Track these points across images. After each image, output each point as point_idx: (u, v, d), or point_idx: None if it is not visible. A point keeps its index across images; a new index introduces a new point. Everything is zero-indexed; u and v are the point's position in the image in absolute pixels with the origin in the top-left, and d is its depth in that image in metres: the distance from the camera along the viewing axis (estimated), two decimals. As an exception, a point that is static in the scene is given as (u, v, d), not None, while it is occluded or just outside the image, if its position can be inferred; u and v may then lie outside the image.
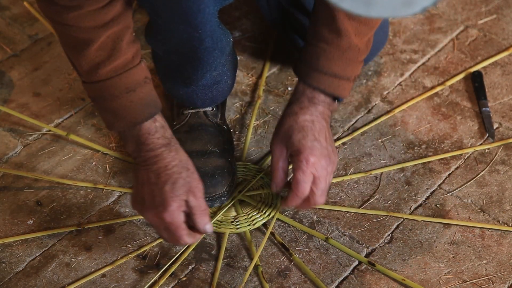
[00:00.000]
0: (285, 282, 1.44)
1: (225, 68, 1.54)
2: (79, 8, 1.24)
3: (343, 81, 1.41)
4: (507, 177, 1.59)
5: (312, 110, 1.40)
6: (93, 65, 1.30)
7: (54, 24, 1.30)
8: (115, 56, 1.29)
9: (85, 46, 1.28)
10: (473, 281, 1.43)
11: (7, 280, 1.45)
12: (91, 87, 1.33)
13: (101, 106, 1.35)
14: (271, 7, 1.71)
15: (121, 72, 1.31)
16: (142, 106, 1.33)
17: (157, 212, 1.32)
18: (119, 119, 1.33)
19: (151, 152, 1.34)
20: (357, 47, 1.40)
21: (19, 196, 1.58)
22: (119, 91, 1.31)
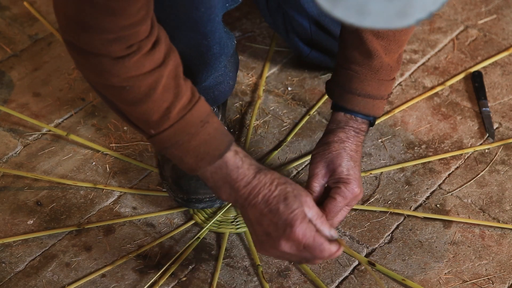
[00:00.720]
0: (285, 282, 1.44)
1: (227, 69, 1.54)
2: (137, 53, 1.15)
3: (377, 100, 1.41)
4: (507, 177, 1.59)
5: (357, 140, 1.40)
6: (162, 110, 1.20)
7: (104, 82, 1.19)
8: (180, 94, 1.21)
9: (151, 92, 1.19)
10: (473, 281, 1.43)
11: (7, 280, 1.45)
12: (163, 136, 1.23)
13: (179, 152, 1.24)
14: (271, 9, 1.71)
15: (190, 108, 1.22)
16: (220, 136, 1.24)
17: (288, 236, 1.23)
18: (202, 157, 1.24)
19: (249, 186, 1.25)
20: (389, 66, 1.40)
21: (19, 196, 1.58)
22: (195, 128, 1.22)
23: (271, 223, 1.24)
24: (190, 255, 1.49)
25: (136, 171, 1.62)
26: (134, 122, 1.24)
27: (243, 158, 1.26)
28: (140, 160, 1.64)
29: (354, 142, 1.40)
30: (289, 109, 1.73)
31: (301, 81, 1.79)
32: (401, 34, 1.38)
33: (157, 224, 1.53)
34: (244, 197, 1.25)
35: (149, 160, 1.64)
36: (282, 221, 1.23)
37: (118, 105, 1.23)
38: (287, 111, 1.73)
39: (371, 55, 1.38)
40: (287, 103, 1.75)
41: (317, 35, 1.69)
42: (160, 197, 1.58)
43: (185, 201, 1.51)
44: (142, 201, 1.57)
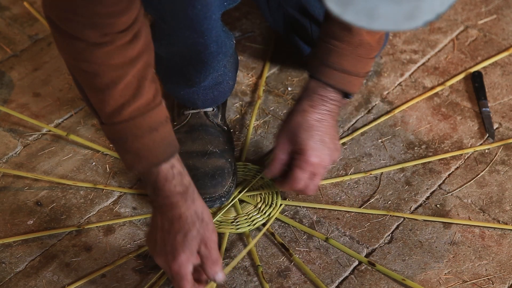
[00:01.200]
0: (285, 282, 1.44)
1: (227, 69, 1.54)
2: (110, 44, 1.17)
3: (353, 77, 1.42)
4: (507, 177, 1.59)
5: (321, 108, 1.42)
6: (117, 105, 1.23)
7: (76, 64, 1.23)
8: (139, 95, 1.23)
9: (112, 85, 1.21)
10: (473, 281, 1.43)
11: (7, 280, 1.45)
12: (111, 128, 1.26)
13: (121, 147, 1.29)
14: (272, 9, 1.71)
15: (144, 112, 1.24)
16: (164, 146, 1.27)
17: (166, 260, 1.30)
18: (140, 160, 1.27)
19: (166, 200, 1.30)
20: (369, 44, 1.41)
21: (19, 196, 1.58)
22: (142, 131, 1.25)
23: (163, 240, 1.31)
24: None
25: (136, 171, 1.62)
26: (92, 104, 1.26)
27: (176, 175, 1.29)
28: (140, 160, 1.64)
29: (317, 111, 1.42)
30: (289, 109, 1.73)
31: (301, 81, 1.79)
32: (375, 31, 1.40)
33: (157, 224, 1.53)
34: (159, 204, 1.31)
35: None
36: (171, 248, 1.30)
37: (81, 84, 1.26)
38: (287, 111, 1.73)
39: (352, 32, 1.39)
40: (287, 103, 1.75)
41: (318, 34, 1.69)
42: (160, 197, 1.58)
43: None
44: (142, 201, 1.57)
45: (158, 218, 1.32)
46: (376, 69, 1.80)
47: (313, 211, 1.55)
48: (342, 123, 1.70)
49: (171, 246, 1.30)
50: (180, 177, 1.30)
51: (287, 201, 1.56)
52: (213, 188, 1.50)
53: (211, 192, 1.50)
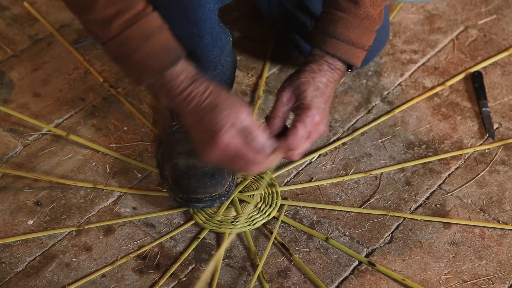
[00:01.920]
0: (285, 282, 1.44)
1: (224, 68, 1.54)
2: None
3: (358, 49, 1.43)
4: (507, 177, 1.59)
5: (328, 74, 1.41)
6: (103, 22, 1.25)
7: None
8: (126, 8, 1.25)
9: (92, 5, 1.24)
10: (473, 281, 1.43)
11: (7, 280, 1.45)
12: (109, 47, 1.28)
13: (124, 65, 1.29)
14: (272, 7, 1.71)
15: (134, 22, 1.25)
16: (165, 51, 1.27)
17: (212, 145, 1.27)
18: (145, 71, 1.28)
19: (182, 95, 1.29)
20: (373, 17, 1.42)
21: (19, 196, 1.58)
22: (137, 42, 1.26)
23: (200, 132, 1.29)
24: (190, 255, 1.49)
25: (136, 171, 1.62)
26: (86, 28, 1.29)
27: (181, 71, 1.29)
28: (140, 160, 1.64)
29: (325, 76, 1.41)
30: (289, 109, 1.73)
31: (301, 81, 1.79)
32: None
33: (157, 224, 1.53)
34: (178, 105, 1.30)
35: (149, 160, 1.63)
36: (208, 130, 1.27)
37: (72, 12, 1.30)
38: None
39: (358, 3, 1.40)
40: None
41: None
42: (160, 197, 1.58)
43: (185, 201, 1.51)
44: (142, 201, 1.57)
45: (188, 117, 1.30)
46: (376, 69, 1.80)
47: (313, 211, 1.55)
48: (342, 123, 1.70)
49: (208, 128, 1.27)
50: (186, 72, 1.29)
51: (288, 201, 1.56)
52: (213, 187, 1.50)
53: (211, 192, 1.50)
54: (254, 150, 1.28)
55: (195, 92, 1.29)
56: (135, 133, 1.68)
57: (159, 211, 1.55)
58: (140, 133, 1.69)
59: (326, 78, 1.40)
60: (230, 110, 1.27)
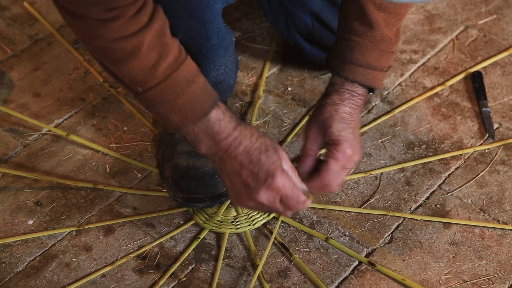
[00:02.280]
0: (285, 282, 1.44)
1: (227, 68, 1.54)
2: (119, 18, 1.18)
3: (378, 72, 1.42)
4: (507, 177, 1.59)
5: (351, 102, 1.41)
6: (148, 69, 1.24)
7: (91, 42, 1.23)
8: (166, 52, 1.24)
9: (135, 52, 1.22)
10: (473, 281, 1.43)
11: (7, 280, 1.45)
12: (149, 95, 1.26)
13: (164, 111, 1.27)
14: (272, 7, 1.71)
15: (176, 67, 1.25)
16: (206, 95, 1.27)
17: (268, 186, 1.28)
18: (187, 116, 1.27)
19: (230, 137, 1.28)
20: (389, 38, 1.41)
21: (19, 196, 1.58)
22: (181, 87, 1.25)
23: (251, 174, 1.28)
24: (190, 255, 1.49)
25: (136, 171, 1.62)
26: (121, 79, 1.26)
27: (225, 112, 1.29)
28: (140, 160, 1.64)
29: (348, 105, 1.40)
30: (289, 109, 1.73)
31: (301, 81, 1.79)
32: (401, 8, 1.40)
33: (157, 224, 1.53)
34: (224, 149, 1.29)
35: (149, 160, 1.64)
36: (263, 171, 1.27)
37: (105, 63, 1.26)
38: (287, 111, 1.73)
39: (373, 26, 1.39)
40: (287, 103, 1.75)
41: (319, 32, 1.69)
42: (160, 197, 1.58)
43: (185, 201, 1.51)
44: (142, 201, 1.57)
45: (231, 162, 1.29)
46: (376, 69, 1.80)
47: (313, 211, 1.55)
48: (342, 123, 1.70)
49: (263, 170, 1.27)
50: (229, 113, 1.29)
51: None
52: (213, 187, 1.50)
53: (211, 192, 1.50)
54: (300, 193, 1.30)
55: (243, 134, 1.29)
56: (135, 133, 1.68)
57: (159, 211, 1.55)
58: (140, 133, 1.69)
59: (350, 106, 1.40)
60: (279, 153, 1.29)
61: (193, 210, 1.54)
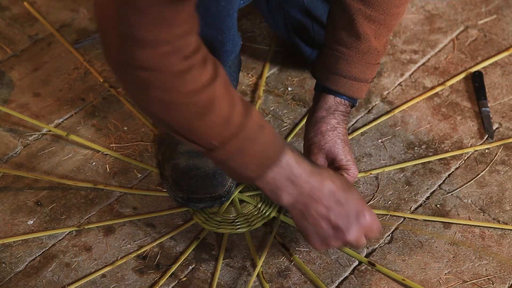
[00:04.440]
0: (285, 282, 1.44)
1: (232, 69, 1.55)
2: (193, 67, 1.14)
3: (362, 83, 1.44)
4: (507, 177, 1.59)
5: (345, 122, 1.45)
6: (224, 120, 1.18)
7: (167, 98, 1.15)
8: (235, 101, 1.19)
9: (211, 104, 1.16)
10: (473, 281, 1.43)
11: (7, 280, 1.45)
12: (227, 147, 1.20)
13: (242, 161, 1.21)
14: (272, 10, 1.71)
15: (246, 114, 1.20)
16: (277, 138, 1.23)
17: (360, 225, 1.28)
18: (264, 162, 1.22)
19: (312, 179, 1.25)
20: (376, 50, 1.42)
21: (19, 196, 1.58)
22: (255, 133, 1.20)
23: (340, 215, 1.27)
24: (190, 255, 1.49)
25: (136, 171, 1.62)
26: (191, 138, 1.20)
27: (297, 152, 1.26)
28: (140, 160, 1.64)
29: (343, 126, 1.45)
30: (289, 109, 1.73)
31: (301, 81, 1.79)
32: (392, 19, 1.41)
33: (157, 224, 1.53)
34: (307, 193, 1.25)
35: (149, 160, 1.63)
36: (353, 211, 1.27)
37: (175, 123, 1.19)
38: (287, 111, 1.73)
39: (360, 38, 1.40)
40: (287, 103, 1.75)
41: (320, 35, 1.69)
42: (160, 197, 1.58)
43: (185, 201, 1.51)
44: (142, 201, 1.57)
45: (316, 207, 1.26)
46: (376, 69, 1.80)
47: (313, 211, 1.55)
48: (342, 123, 1.70)
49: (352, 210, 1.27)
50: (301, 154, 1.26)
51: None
52: (213, 188, 1.50)
53: (211, 192, 1.50)
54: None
55: (323, 175, 1.26)
56: (135, 133, 1.68)
57: (159, 211, 1.55)
58: (140, 133, 1.69)
59: (344, 127, 1.45)
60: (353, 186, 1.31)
61: (193, 210, 1.54)
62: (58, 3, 1.97)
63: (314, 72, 1.47)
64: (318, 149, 1.43)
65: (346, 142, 1.44)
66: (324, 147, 1.43)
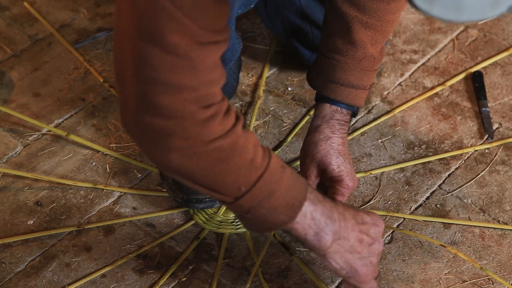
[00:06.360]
0: (285, 282, 1.44)
1: (232, 70, 1.55)
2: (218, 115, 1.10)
3: (360, 90, 1.43)
4: (507, 177, 1.59)
5: (341, 131, 1.42)
6: (249, 162, 1.14)
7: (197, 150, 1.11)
8: (257, 144, 1.16)
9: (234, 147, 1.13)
10: (473, 281, 1.43)
11: (7, 280, 1.45)
12: (255, 190, 1.15)
13: (271, 205, 1.16)
14: (270, 14, 1.71)
15: (268, 155, 1.17)
16: (298, 177, 1.20)
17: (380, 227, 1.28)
18: (293, 203, 1.18)
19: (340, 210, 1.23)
20: (372, 56, 1.41)
21: (19, 196, 1.58)
22: (279, 173, 1.16)
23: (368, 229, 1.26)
24: (190, 255, 1.49)
25: (136, 171, 1.62)
26: (217, 188, 1.15)
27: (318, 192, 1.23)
28: (140, 160, 1.64)
29: (340, 136, 1.42)
30: (289, 109, 1.73)
31: (301, 81, 1.79)
32: (387, 25, 1.41)
33: (157, 224, 1.54)
34: (342, 226, 1.22)
35: (149, 160, 1.63)
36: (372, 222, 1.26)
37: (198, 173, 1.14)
38: (287, 111, 1.73)
39: (356, 45, 1.39)
40: (287, 103, 1.75)
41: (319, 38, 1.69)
42: (160, 197, 1.58)
43: (185, 201, 1.51)
44: (142, 201, 1.57)
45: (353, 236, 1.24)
46: (376, 69, 1.80)
47: (313, 211, 1.55)
48: (342, 123, 1.70)
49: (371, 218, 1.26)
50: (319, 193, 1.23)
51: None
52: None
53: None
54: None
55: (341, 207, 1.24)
56: (135, 133, 1.68)
57: (159, 211, 1.55)
58: (140, 133, 1.69)
59: (340, 136, 1.42)
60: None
61: (193, 210, 1.54)
62: (58, 3, 1.97)
63: (311, 81, 1.46)
64: (310, 159, 1.41)
65: (341, 152, 1.41)
66: (316, 157, 1.41)
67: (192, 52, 1.05)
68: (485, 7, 0.90)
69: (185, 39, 1.04)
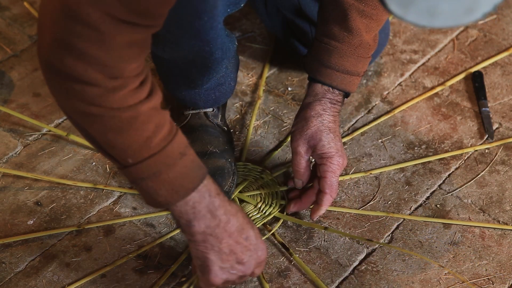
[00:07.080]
0: (285, 282, 1.44)
1: (229, 70, 1.55)
2: (123, 88, 1.13)
3: (354, 77, 1.46)
4: (507, 177, 1.59)
5: (333, 110, 1.45)
6: (143, 140, 1.17)
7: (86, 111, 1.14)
8: (161, 125, 1.18)
9: (132, 122, 1.15)
10: (473, 281, 1.43)
11: (7, 280, 1.45)
12: (141, 166, 1.18)
13: (154, 184, 1.20)
14: (270, 14, 1.71)
15: (171, 139, 1.19)
16: (196, 169, 1.22)
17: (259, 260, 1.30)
18: (177, 190, 1.21)
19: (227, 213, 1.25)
20: (367, 43, 1.44)
21: (19, 196, 1.58)
22: (173, 159, 1.19)
23: (245, 249, 1.27)
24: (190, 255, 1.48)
25: (136, 171, 1.62)
26: (107, 150, 1.19)
27: (217, 186, 1.25)
28: (140, 160, 1.64)
29: (331, 114, 1.45)
30: (289, 109, 1.73)
31: (301, 81, 1.79)
32: (382, 14, 1.43)
33: (157, 224, 1.53)
34: (221, 226, 1.25)
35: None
36: (254, 247, 1.28)
37: (91, 132, 1.18)
38: (287, 111, 1.73)
39: (352, 32, 1.42)
40: (287, 103, 1.75)
41: None
42: (160, 197, 1.58)
43: None
44: (142, 201, 1.57)
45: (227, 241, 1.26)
46: (376, 69, 1.80)
47: (313, 211, 1.55)
48: (342, 123, 1.70)
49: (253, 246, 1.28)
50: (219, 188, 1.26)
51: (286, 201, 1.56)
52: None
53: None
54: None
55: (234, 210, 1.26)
56: (135, 133, 1.68)
57: (159, 211, 1.55)
58: (140, 133, 1.69)
59: (332, 114, 1.45)
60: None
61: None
62: (58, 3, 1.96)
63: (306, 66, 1.48)
64: (300, 135, 1.44)
65: (332, 129, 1.44)
66: (307, 133, 1.44)
67: (102, 25, 1.07)
68: (459, 14, 0.90)
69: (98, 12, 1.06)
